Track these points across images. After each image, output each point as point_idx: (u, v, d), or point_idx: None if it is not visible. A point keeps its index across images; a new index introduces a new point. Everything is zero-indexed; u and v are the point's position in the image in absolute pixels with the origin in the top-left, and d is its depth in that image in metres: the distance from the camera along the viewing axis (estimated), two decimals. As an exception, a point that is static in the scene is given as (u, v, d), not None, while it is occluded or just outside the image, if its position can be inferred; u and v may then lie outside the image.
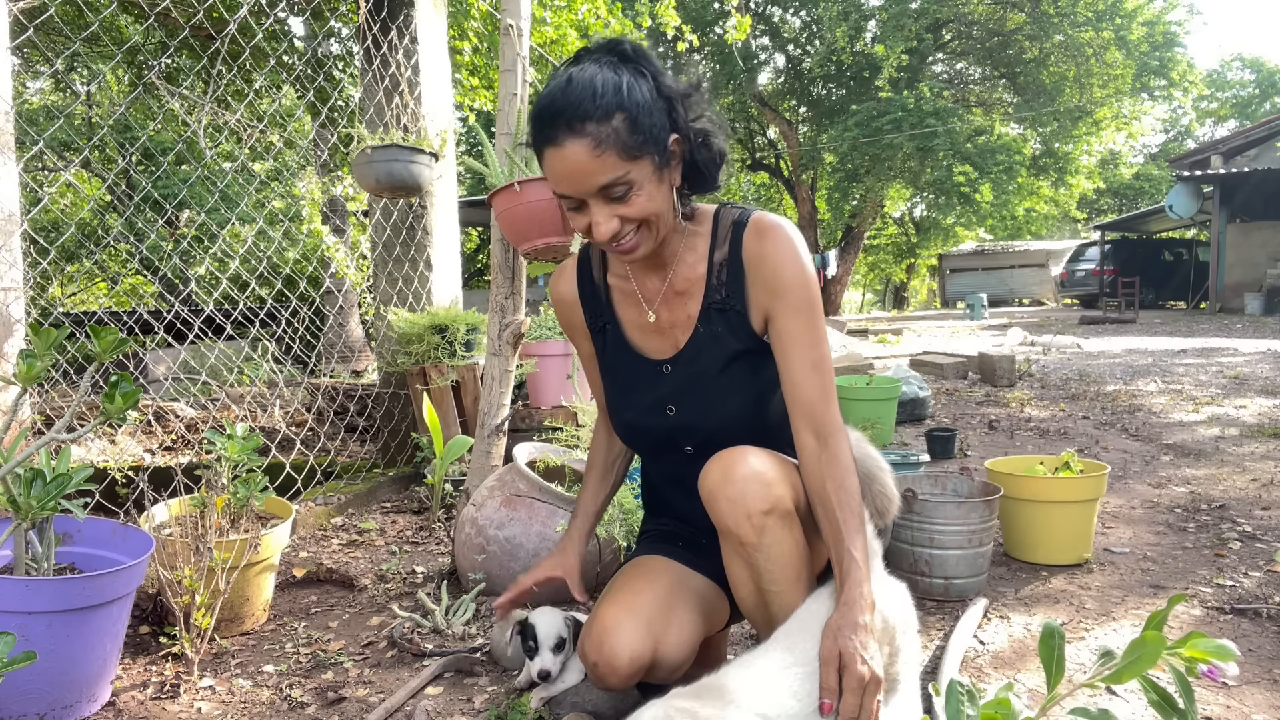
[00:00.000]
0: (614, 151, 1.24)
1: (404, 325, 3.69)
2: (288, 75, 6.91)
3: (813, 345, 1.38)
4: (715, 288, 1.44)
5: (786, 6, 20.10)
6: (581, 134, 1.23)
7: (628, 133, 1.25)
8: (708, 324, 1.45)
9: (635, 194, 1.28)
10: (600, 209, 1.29)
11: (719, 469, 1.33)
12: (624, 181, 1.27)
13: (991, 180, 16.50)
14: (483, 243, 19.49)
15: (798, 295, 1.39)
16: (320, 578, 2.61)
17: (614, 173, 1.25)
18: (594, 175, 1.25)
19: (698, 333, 1.46)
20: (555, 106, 1.25)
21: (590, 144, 1.23)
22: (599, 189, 1.27)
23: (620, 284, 1.54)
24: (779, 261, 1.39)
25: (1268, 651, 1.93)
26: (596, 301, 1.56)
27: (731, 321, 1.44)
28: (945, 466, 3.84)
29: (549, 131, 1.26)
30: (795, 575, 1.34)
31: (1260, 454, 4.03)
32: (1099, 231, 22.34)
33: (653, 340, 1.51)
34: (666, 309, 1.49)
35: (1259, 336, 10.83)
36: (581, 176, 1.26)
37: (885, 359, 8.39)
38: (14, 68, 4.03)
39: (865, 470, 1.51)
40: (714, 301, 1.44)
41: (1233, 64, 31.29)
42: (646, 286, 1.50)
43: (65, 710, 1.68)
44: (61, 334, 1.65)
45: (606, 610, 1.43)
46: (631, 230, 1.32)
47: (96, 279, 11.70)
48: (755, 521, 1.29)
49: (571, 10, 5.99)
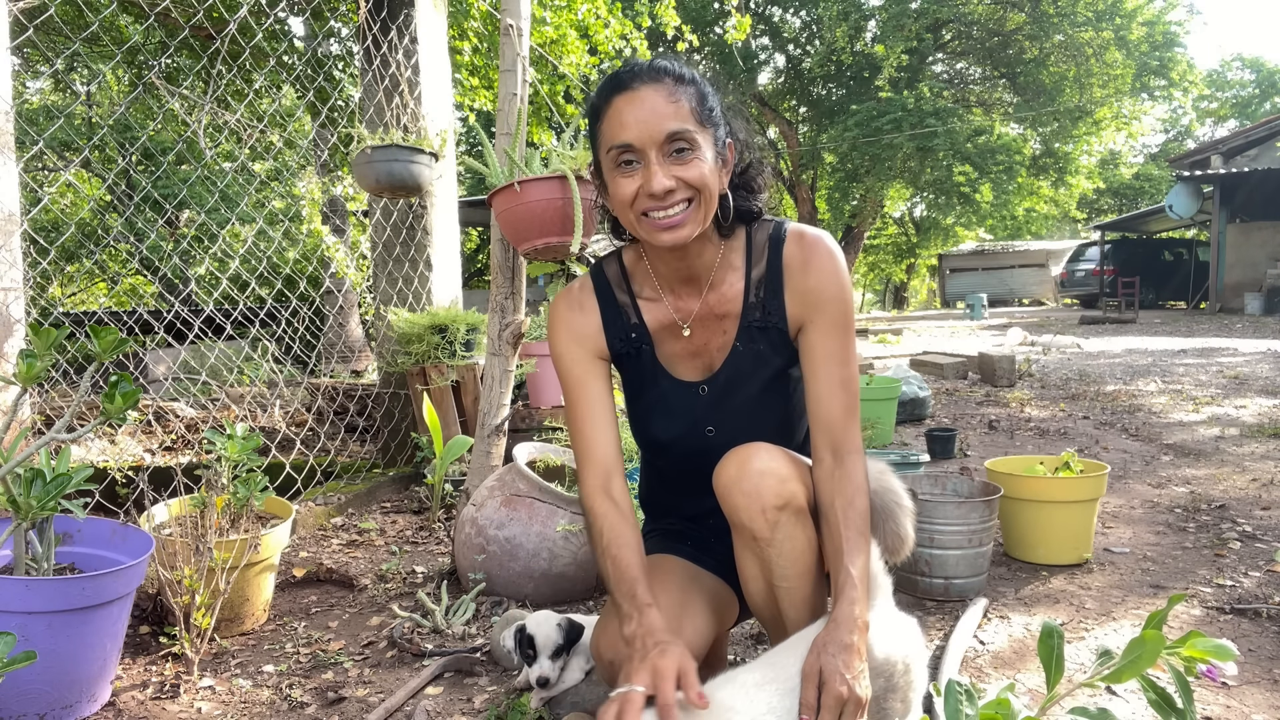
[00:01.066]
0: (688, 106, 1.27)
1: (404, 325, 3.69)
2: (288, 75, 6.92)
3: (843, 363, 1.38)
4: (754, 305, 1.42)
5: (786, 6, 20.10)
6: (660, 81, 1.27)
7: (698, 101, 1.28)
8: (748, 343, 1.43)
9: (698, 158, 1.27)
10: (661, 163, 1.26)
11: (734, 464, 1.33)
12: (690, 139, 1.26)
13: (991, 180, 16.51)
14: (483, 243, 19.49)
15: (835, 310, 1.38)
16: (320, 578, 2.61)
17: (684, 123, 1.26)
18: (667, 120, 1.25)
19: (736, 352, 1.44)
20: (634, 67, 1.29)
21: (668, 91, 1.26)
22: (667, 136, 1.25)
23: (650, 304, 1.47)
24: (820, 274, 1.38)
25: (1268, 651, 1.93)
26: (623, 323, 1.47)
27: (773, 339, 1.42)
28: (945, 466, 3.84)
29: (626, 79, 1.28)
30: (806, 571, 1.34)
31: (1260, 454, 4.03)
32: (1099, 231, 22.33)
33: (687, 362, 1.47)
34: (702, 328, 1.45)
35: (1259, 336, 10.83)
36: (654, 119, 1.25)
37: (885, 359, 8.39)
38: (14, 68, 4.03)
39: (883, 504, 1.50)
40: (754, 320, 1.42)
41: (1233, 64, 31.28)
42: (680, 305, 1.45)
43: (65, 710, 1.68)
44: (61, 334, 1.65)
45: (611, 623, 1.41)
46: (683, 201, 1.28)
47: (96, 279, 11.70)
48: (769, 516, 1.29)
49: (571, 10, 5.98)
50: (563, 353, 1.46)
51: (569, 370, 1.46)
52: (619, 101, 1.27)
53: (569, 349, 1.46)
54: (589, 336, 1.46)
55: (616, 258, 1.51)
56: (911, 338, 12.81)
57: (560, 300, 1.50)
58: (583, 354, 1.46)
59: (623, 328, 1.47)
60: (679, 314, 1.45)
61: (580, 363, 1.46)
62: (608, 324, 1.47)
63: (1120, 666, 1.11)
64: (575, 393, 1.45)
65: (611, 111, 1.28)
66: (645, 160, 1.27)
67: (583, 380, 1.45)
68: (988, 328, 14.67)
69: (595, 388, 1.45)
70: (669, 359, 1.48)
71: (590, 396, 1.44)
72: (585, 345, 1.46)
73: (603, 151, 1.32)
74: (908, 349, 10.47)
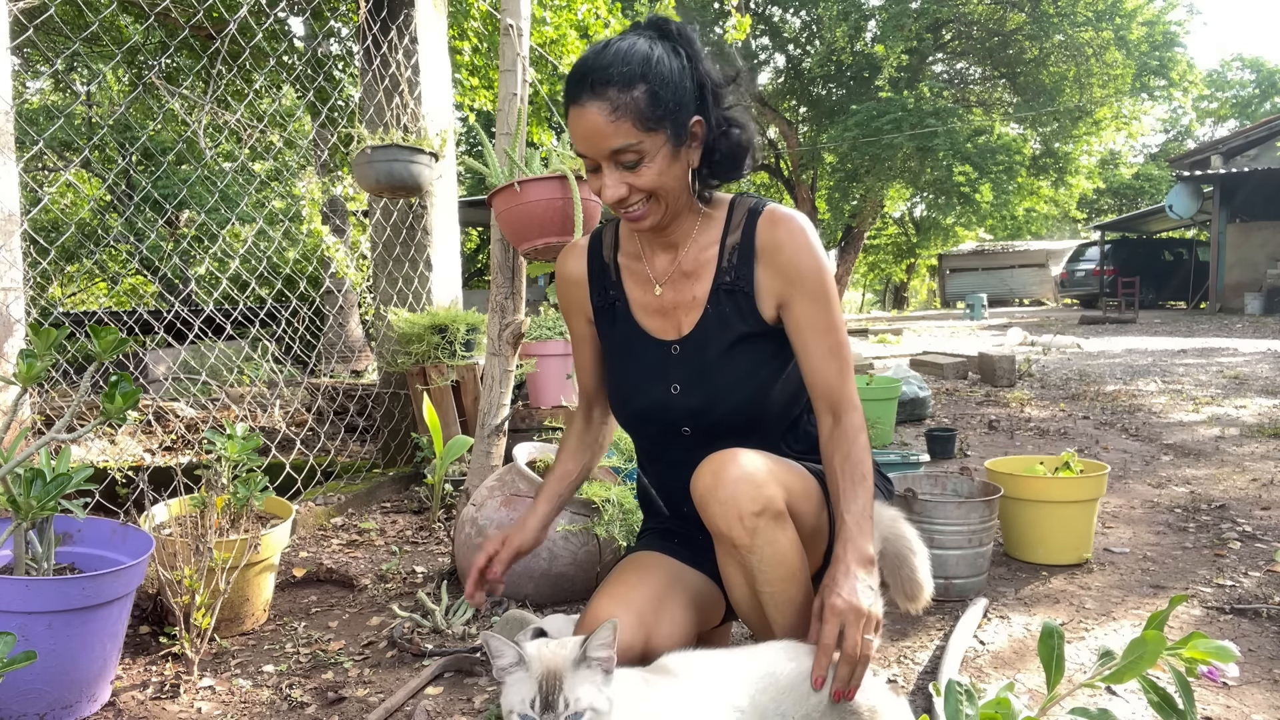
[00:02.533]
0: (629, 119, 1.29)
1: (404, 325, 3.69)
2: (288, 75, 6.91)
3: (828, 330, 1.42)
4: (725, 270, 1.46)
5: (786, 6, 20.11)
6: (602, 97, 1.29)
7: (647, 104, 1.30)
8: (716, 305, 1.47)
9: (646, 165, 1.33)
10: (611, 173, 1.34)
11: (709, 472, 1.33)
12: (635, 150, 1.31)
13: (991, 180, 16.51)
14: (483, 243, 19.49)
15: (813, 282, 1.42)
16: (320, 578, 2.61)
17: (626, 139, 1.30)
18: (608, 139, 1.31)
19: (707, 314, 1.48)
20: (585, 67, 1.32)
21: (609, 108, 1.29)
22: (611, 153, 1.32)
23: (630, 264, 1.56)
24: (794, 249, 1.42)
25: (1268, 651, 1.93)
26: (605, 279, 1.58)
27: (740, 304, 1.46)
28: (945, 466, 3.84)
29: (575, 90, 1.32)
30: (789, 575, 1.34)
31: (1260, 454, 4.03)
32: (1099, 231, 22.34)
33: (657, 320, 1.53)
34: (673, 289, 1.51)
35: (1259, 336, 10.83)
36: (596, 138, 1.31)
37: (885, 359, 8.39)
38: (14, 68, 4.03)
39: (895, 552, 1.50)
40: (723, 283, 1.46)
41: (1233, 64, 31.29)
42: (656, 266, 1.53)
43: (65, 710, 1.68)
44: (61, 334, 1.65)
45: (599, 602, 1.45)
46: (640, 200, 1.37)
47: (96, 279, 11.69)
48: (747, 523, 1.29)
49: (571, 10, 5.98)
50: (561, 299, 1.65)
51: (565, 313, 1.65)
52: (572, 114, 1.33)
53: (563, 298, 1.64)
54: (577, 284, 1.61)
55: (615, 223, 1.60)
56: (911, 338, 12.81)
57: (561, 257, 1.66)
58: (573, 303, 1.63)
59: (604, 283, 1.58)
60: (654, 273, 1.53)
61: (571, 310, 1.63)
62: (592, 279, 1.60)
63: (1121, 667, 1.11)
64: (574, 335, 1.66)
65: (569, 120, 1.35)
66: (601, 168, 1.35)
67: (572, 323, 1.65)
68: (988, 328, 14.68)
69: (578, 329, 1.64)
70: (643, 316, 1.54)
71: (578, 334, 1.65)
72: (575, 296, 1.62)
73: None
74: (908, 349, 10.47)
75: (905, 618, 2.15)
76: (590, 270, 1.60)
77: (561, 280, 1.64)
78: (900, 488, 2.46)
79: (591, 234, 1.65)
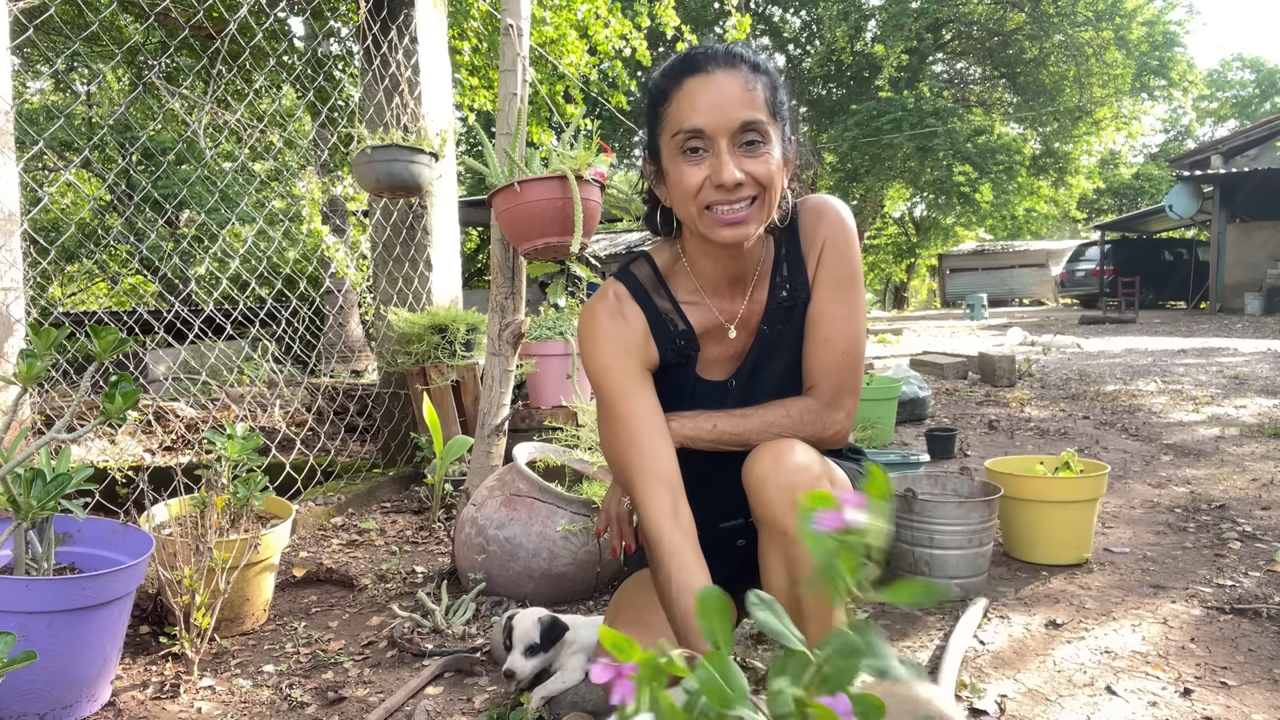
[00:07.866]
0: (762, 95, 1.21)
1: (404, 325, 3.69)
2: (288, 75, 6.91)
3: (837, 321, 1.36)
4: (779, 284, 1.38)
5: (786, 6, 20.13)
6: (736, 67, 1.20)
7: (771, 92, 1.23)
8: (773, 325, 1.39)
9: (768, 152, 1.22)
10: (730, 155, 1.20)
11: (769, 458, 1.27)
12: (762, 130, 1.20)
13: (991, 180, 16.53)
14: (483, 243, 19.49)
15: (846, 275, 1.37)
16: (320, 578, 2.61)
17: (757, 114, 1.20)
18: (741, 107, 1.19)
19: (761, 334, 1.39)
20: (709, 49, 1.22)
21: (744, 78, 1.20)
22: (740, 125, 1.19)
23: (693, 309, 1.39)
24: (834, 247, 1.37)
25: (1268, 651, 1.93)
26: (669, 330, 1.39)
27: (796, 316, 1.39)
28: (945, 466, 3.84)
29: (697, 63, 1.21)
30: None
31: (1260, 454, 4.03)
32: (1099, 231, 22.31)
33: (720, 366, 1.42)
34: (744, 330, 1.40)
35: (1259, 336, 10.83)
36: (729, 105, 1.19)
37: (885, 359, 8.39)
38: (14, 68, 4.03)
39: None
40: (781, 300, 1.38)
41: (1233, 64, 31.33)
42: (724, 307, 1.39)
43: (65, 710, 1.68)
44: (61, 334, 1.65)
45: (619, 628, 1.41)
46: (749, 198, 1.22)
47: (96, 279, 11.69)
48: None
49: (571, 10, 5.98)
50: (609, 365, 1.34)
51: (618, 382, 1.33)
52: (691, 84, 1.20)
53: (616, 361, 1.34)
54: (637, 347, 1.36)
55: (647, 260, 1.42)
56: (911, 338, 12.81)
57: (598, 311, 1.38)
58: (633, 365, 1.35)
59: (669, 335, 1.38)
60: (724, 315, 1.38)
61: (630, 374, 1.34)
62: (656, 333, 1.37)
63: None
64: (625, 406, 1.31)
65: (682, 94, 1.21)
66: (715, 149, 1.20)
67: (634, 392, 1.32)
68: (988, 328, 14.67)
69: (648, 400, 1.33)
70: (706, 364, 1.41)
71: (645, 409, 1.32)
72: (634, 356, 1.35)
73: (666, 136, 1.25)
74: (908, 349, 10.47)
75: (905, 618, 2.15)
76: (651, 323, 1.37)
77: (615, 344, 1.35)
78: (900, 488, 2.46)
79: (622, 279, 1.41)
